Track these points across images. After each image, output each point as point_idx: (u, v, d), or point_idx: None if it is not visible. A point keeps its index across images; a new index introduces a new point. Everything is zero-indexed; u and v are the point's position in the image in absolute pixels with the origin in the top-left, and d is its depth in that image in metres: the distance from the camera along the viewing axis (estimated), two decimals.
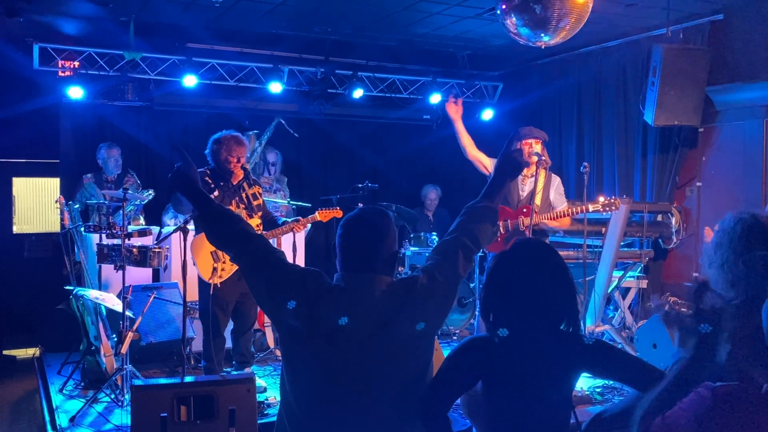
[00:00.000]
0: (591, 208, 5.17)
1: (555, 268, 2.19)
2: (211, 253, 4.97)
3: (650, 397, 1.80)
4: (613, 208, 5.15)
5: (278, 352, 6.18)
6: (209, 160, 5.16)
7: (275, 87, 7.68)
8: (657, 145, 6.74)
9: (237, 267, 5.04)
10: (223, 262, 4.98)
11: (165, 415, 3.68)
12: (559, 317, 2.15)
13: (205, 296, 4.99)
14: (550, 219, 5.36)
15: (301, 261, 6.72)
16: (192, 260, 4.95)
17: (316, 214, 5.49)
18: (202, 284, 5.04)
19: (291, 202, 7.25)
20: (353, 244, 2.19)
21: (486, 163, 5.57)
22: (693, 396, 1.39)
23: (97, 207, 6.68)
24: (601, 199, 5.23)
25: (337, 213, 5.55)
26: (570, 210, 5.24)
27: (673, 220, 6.69)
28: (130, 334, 4.91)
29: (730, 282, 2.36)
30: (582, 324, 2.24)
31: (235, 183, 5.14)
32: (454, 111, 5.53)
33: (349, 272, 2.18)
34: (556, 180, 5.55)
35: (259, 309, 6.20)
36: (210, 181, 5.01)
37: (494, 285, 2.19)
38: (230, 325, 5.32)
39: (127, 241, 5.09)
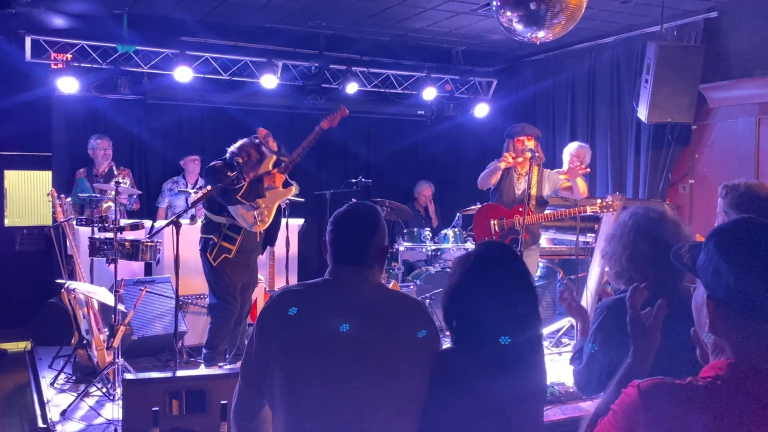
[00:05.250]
0: (589, 210, 5.18)
1: (523, 276, 2.11)
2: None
3: (604, 399, 1.80)
4: (611, 210, 5.14)
5: None
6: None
7: (269, 81, 7.65)
8: (650, 142, 6.76)
9: (274, 210, 5.34)
10: (259, 209, 5.21)
11: (156, 409, 3.67)
12: (523, 328, 2.05)
13: (217, 285, 5.20)
14: (544, 220, 5.38)
15: (294, 256, 6.72)
16: (266, 281, 5.43)
17: (319, 127, 5.41)
18: (212, 275, 5.19)
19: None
20: (343, 238, 2.19)
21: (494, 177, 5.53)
22: (622, 396, 1.41)
23: (89, 200, 6.67)
24: (599, 200, 5.24)
25: (343, 112, 5.46)
26: (567, 211, 5.25)
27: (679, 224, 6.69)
28: (122, 328, 4.90)
29: (617, 274, 2.46)
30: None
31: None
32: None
33: (339, 266, 2.18)
34: (546, 172, 5.56)
35: (254, 300, 6.24)
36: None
37: (460, 290, 2.09)
38: None
39: (119, 234, 5.08)
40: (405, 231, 7.29)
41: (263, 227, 5.28)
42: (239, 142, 5.34)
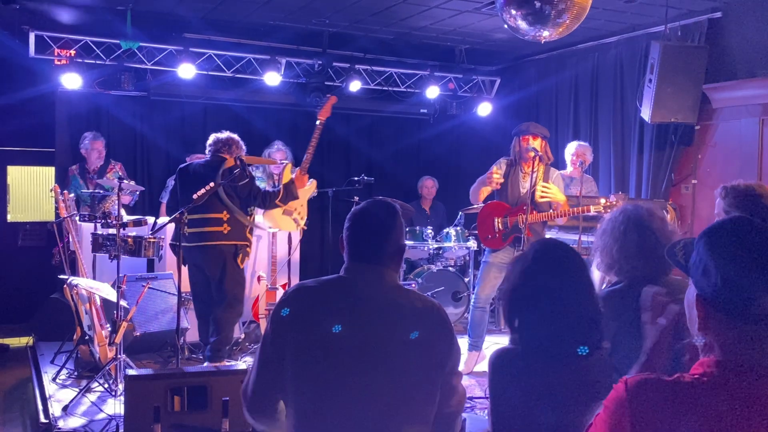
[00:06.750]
0: (593, 209, 5.17)
1: (582, 273, 2.11)
2: (283, 212, 5.75)
3: None
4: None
5: None
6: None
7: (272, 78, 7.65)
8: (653, 142, 6.75)
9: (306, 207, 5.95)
10: (296, 210, 5.86)
11: (158, 405, 3.68)
12: (584, 333, 2.04)
13: (243, 286, 5.54)
14: (549, 219, 5.36)
15: (296, 252, 6.72)
16: (272, 229, 5.99)
17: (319, 122, 5.91)
18: (239, 278, 5.43)
19: None
20: (359, 236, 2.18)
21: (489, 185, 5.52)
22: (612, 392, 1.44)
23: (91, 197, 6.68)
24: (603, 200, 5.23)
25: (333, 100, 5.99)
26: (571, 210, 5.24)
27: (668, 218, 6.69)
28: (124, 324, 4.91)
29: (607, 265, 2.60)
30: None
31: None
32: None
33: (355, 263, 2.17)
34: (554, 173, 5.55)
35: (254, 300, 6.25)
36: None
37: (522, 289, 2.10)
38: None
39: (122, 230, 5.09)
40: (407, 229, 7.30)
41: (303, 224, 5.93)
42: (222, 139, 5.56)
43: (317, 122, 5.83)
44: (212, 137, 5.58)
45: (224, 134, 5.57)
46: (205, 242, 5.24)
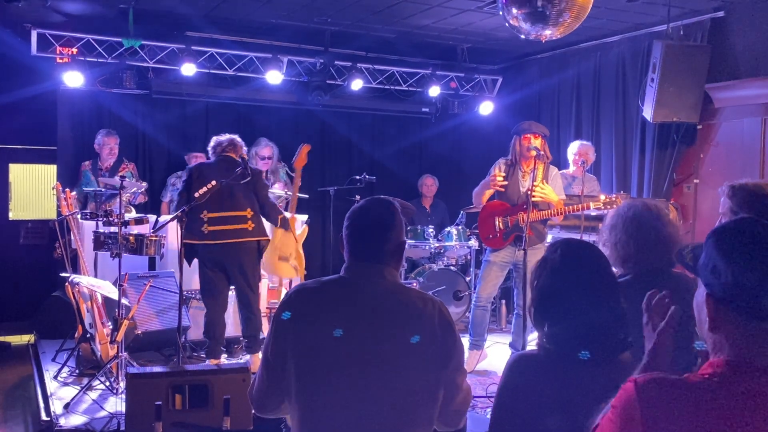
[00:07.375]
0: (592, 206, 5.17)
1: (610, 277, 2.09)
2: (279, 258, 5.62)
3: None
4: (615, 206, 5.13)
5: None
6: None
7: (274, 77, 7.65)
8: (655, 141, 6.74)
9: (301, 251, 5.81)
10: (292, 255, 5.68)
11: (159, 403, 3.68)
12: (610, 335, 2.00)
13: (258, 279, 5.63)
14: (550, 216, 5.36)
15: None
16: (269, 277, 5.94)
17: (296, 170, 5.82)
18: (257, 271, 5.54)
19: (289, 194, 7.24)
20: (359, 234, 2.18)
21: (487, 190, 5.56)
22: (620, 391, 1.43)
23: (94, 194, 6.69)
24: (602, 197, 5.22)
25: (306, 147, 5.89)
26: (571, 208, 5.23)
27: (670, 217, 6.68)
28: (126, 322, 4.91)
29: (622, 259, 2.73)
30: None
31: None
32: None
33: (355, 262, 2.17)
34: (553, 171, 5.54)
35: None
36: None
37: (551, 290, 2.05)
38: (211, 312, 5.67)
39: (123, 228, 5.09)
40: (408, 228, 7.29)
41: (303, 270, 5.84)
42: (224, 141, 5.62)
43: (294, 171, 5.91)
44: (213, 140, 5.65)
45: (225, 136, 5.64)
46: (232, 239, 5.29)
